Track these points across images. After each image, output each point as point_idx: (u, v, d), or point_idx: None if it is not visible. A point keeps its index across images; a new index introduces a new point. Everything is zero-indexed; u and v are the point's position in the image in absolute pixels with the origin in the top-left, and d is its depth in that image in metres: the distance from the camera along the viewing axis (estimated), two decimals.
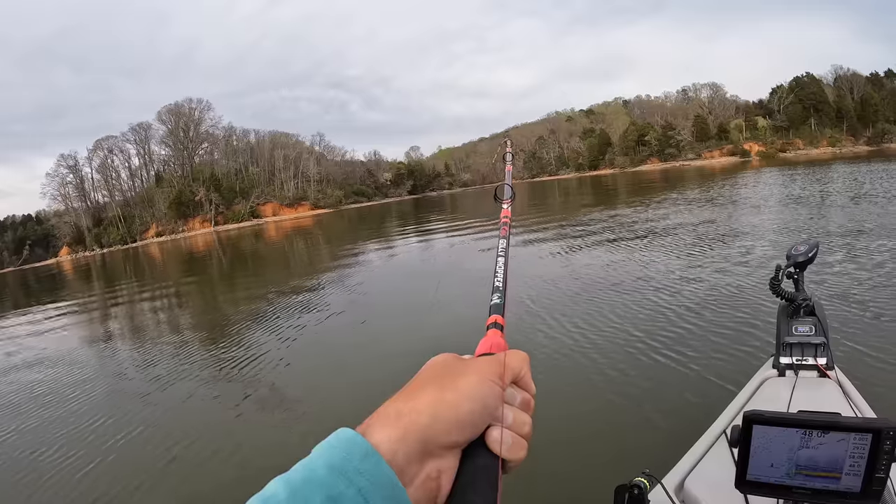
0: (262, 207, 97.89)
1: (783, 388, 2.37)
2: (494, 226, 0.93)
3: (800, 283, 2.86)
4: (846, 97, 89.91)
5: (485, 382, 0.54)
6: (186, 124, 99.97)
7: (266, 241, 44.09)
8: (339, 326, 9.55)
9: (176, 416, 6.37)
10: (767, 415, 1.27)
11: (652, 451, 3.63)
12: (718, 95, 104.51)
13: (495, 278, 0.78)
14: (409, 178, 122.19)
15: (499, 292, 0.75)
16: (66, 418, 6.80)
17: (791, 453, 1.25)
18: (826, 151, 78.44)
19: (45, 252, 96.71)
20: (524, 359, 0.61)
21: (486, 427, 0.54)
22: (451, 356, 0.59)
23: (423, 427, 0.50)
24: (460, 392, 0.53)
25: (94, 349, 11.19)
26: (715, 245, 11.51)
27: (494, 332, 0.67)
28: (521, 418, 0.56)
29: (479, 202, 50.57)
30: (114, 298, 20.99)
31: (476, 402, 0.53)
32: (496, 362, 0.57)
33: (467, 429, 0.52)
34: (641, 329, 6.65)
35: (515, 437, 0.55)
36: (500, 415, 0.55)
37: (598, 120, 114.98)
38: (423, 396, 0.52)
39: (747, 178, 34.59)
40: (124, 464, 5.22)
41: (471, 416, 0.52)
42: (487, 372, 0.56)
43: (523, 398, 0.58)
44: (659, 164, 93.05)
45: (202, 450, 5.29)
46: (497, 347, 0.64)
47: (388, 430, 0.49)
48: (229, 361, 8.17)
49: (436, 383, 0.54)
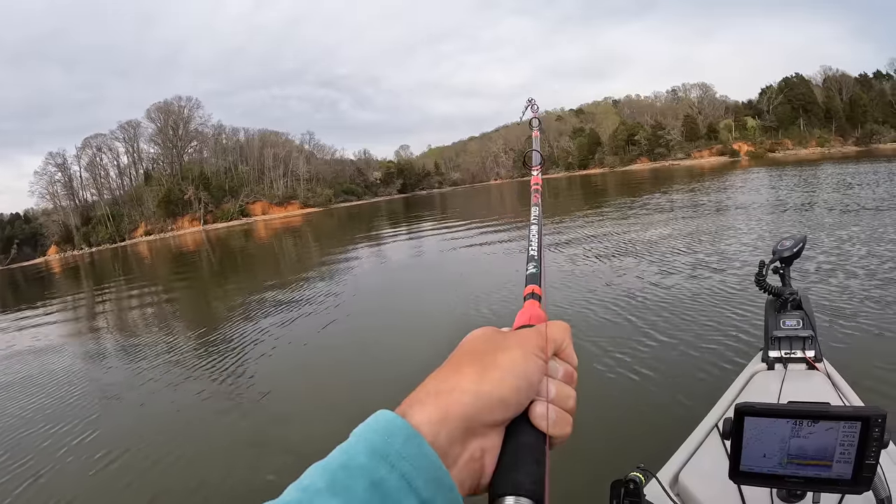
0: (251, 206, 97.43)
1: (773, 381, 2.40)
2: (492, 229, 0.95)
3: (786, 278, 2.89)
4: (835, 98, 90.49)
5: (528, 356, 0.53)
6: (175, 122, 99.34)
7: (257, 240, 43.92)
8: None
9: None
10: (758, 406, 1.29)
11: (646, 446, 3.65)
12: (708, 95, 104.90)
13: (529, 247, 0.76)
14: (398, 176, 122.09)
15: (534, 261, 0.72)
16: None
17: (783, 443, 1.27)
18: (815, 152, 78.92)
19: (34, 251, 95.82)
20: (566, 329, 0.59)
21: (529, 402, 0.52)
22: (491, 329, 0.57)
23: (465, 406, 0.48)
24: (502, 367, 0.51)
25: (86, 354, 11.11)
26: (703, 242, 11.60)
27: (532, 303, 0.65)
28: (565, 391, 0.55)
29: (469, 201, 50.66)
30: (103, 299, 20.87)
31: (519, 377, 0.51)
32: (538, 334, 0.56)
33: (511, 406, 0.50)
34: (631, 326, 6.70)
35: (560, 412, 0.53)
36: (543, 389, 0.53)
37: (588, 119, 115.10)
38: (464, 373, 0.50)
39: (736, 177, 34.79)
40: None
41: (515, 393, 0.50)
42: (529, 345, 0.54)
43: (566, 370, 0.57)
44: (648, 163, 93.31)
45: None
46: (536, 319, 0.62)
47: (429, 411, 0.47)
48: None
49: (476, 359, 0.52)
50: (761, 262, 2.82)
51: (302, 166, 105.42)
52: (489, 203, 44.32)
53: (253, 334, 9.39)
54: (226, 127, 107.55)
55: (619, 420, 4.46)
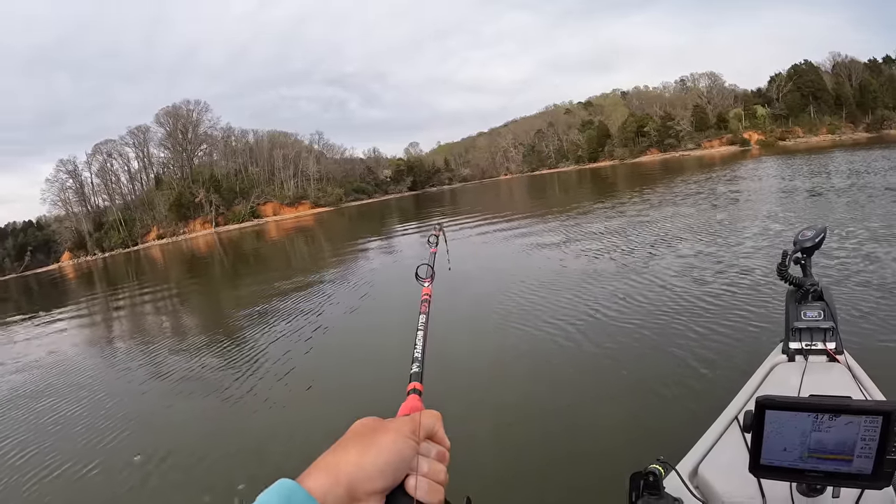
0: (262, 207, 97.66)
1: (793, 374, 2.37)
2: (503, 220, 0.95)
3: (807, 269, 2.85)
4: (845, 84, 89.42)
5: (400, 438, 0.65)
6: (185, 126, 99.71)
7: (268, 241, 44.07)
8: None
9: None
10: (780, 400, 1.29)
11: (665, 439, 3.66)
12: (717, 85, 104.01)
13: (415, 350, 0.87)
14: (408, 174, 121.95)
15: (418, 362, 0.84)
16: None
17: (803, 437, 1.27)
18: (826, 139, 78.11)
19: (47, 258, 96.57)
20: (436, 417, 0.72)
21: (404, 476, 0.64)
22: (372, 419, 0.68)
23: (349, 475, 0.59)
24: (380, 446, 0.63)
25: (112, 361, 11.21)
26: (720, 233, 11.52)
27: (413, 397, 0.77)
28: (436, 467, 0.66)
29: (479, 196, 50.57)
30: (117, 302, 21.03)
31: (393, 454, 0.63)
32: (411, 421, 0.68)
33: (388, 477, 0.62)
34: (650, 319, 6.68)
35: (431, 484, 0.65)
36: (415, 465, 0.65)
37: (597, 112, 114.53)
38: (349, 451, 0.62)
39: (747, 166, 34.52)
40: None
41: (390, 467, 0.62)
42: (404, 429, 0.66)
43: (438, 451, 0.68)
44: (658, 154, 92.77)
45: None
46: (414, 410, 0.73)
47: (321, 479, 0.58)
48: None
49: (359, 440, 0.64)
50: (784, 253, 2.78)
51: (312, 166, 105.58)
52: (498, 198, 44.27)
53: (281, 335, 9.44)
54: (235, 129, 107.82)
55: (638, 413, 4.46)
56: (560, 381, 5.37)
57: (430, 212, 36.07)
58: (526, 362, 6.00)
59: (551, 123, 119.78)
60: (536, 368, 5.80)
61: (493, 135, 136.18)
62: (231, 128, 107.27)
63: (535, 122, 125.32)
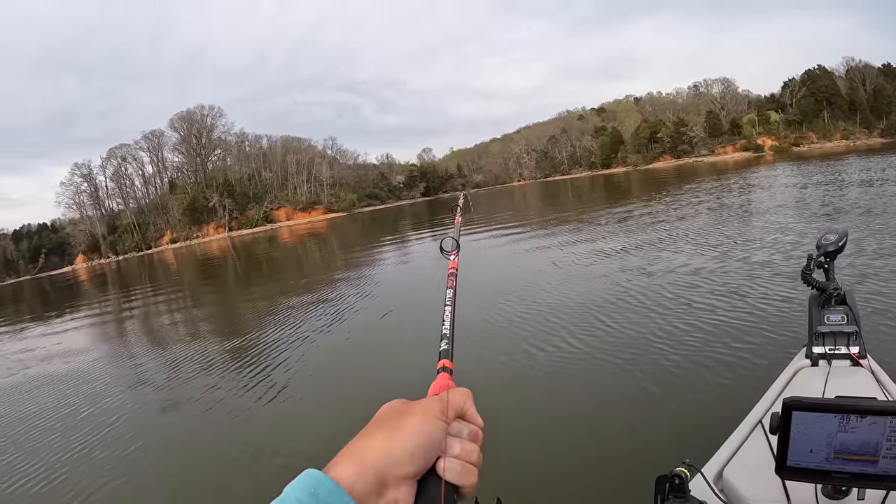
0: (275, 212, 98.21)
1: (817, 378, 2.39)
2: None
3: (830, 273, 2.85)
4: (859, 89, 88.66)
5: (429, 419, 0.62)
6: (199, 131, 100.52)
7: (281, 245, 44.24)
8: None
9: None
10: (806, 401, 1.31)
11: (690, 442, 3.67)
12: (730, 90, 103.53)
13: (443, 326, 0.84)
14: (421, 180, 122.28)
15: (446, 339, 0.82)
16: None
17: (829, 438, 1.29)
18: (840, 144, 77.55)
19: (61, 260, 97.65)
20: (466, 394, 0.68)
21: (436, 459, 0.61)
22: (399, 401, 0.66)
23: (376, 462, 0.56)
24: (407, 429, 0.60)
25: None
26: (741, 238, 11.50)
27: (443, 376, 0.74)
28: (469, 448, 0.63)
29: (493, 202, 50.52)
30: (130, 304, 21.21)
31: (422, 436, 0.60)
32: (440, 400, 0.65)
33: (418, 461, 0.59)
34: (675, 322, 6.69)
35: (464, 465, 0.62)
36: (448, 447, 0.62)
37: (610, 118, 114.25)
38: (376, 436, 0.59)
39: (761, 173, 34.27)
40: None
41: (419, 449, 0.59)
42: (431, 410, 0.63)
43: (470, 430, 0.65)
44: (672, 160, 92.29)
45: None
46: (445, 389, 0.69)
47: (348, 467, 0.55)
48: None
49: (386, 425, 0.61)
50: (809, 256, 2.79)
51: (325, 172, 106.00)
52: (513, 203, 44.20)
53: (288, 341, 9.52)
54: (249, 134, 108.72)
55: (664, 416, 4.47)
56: (586, 386, 5.39)
57: (443, 219, 36.21)
58: (551, 368, 6.01)
59: (564, 129, 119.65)
60: (563, 373, 5.82)
61: (506, 141, 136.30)
62: (245, 133, 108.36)
63: (548, 128, 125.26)
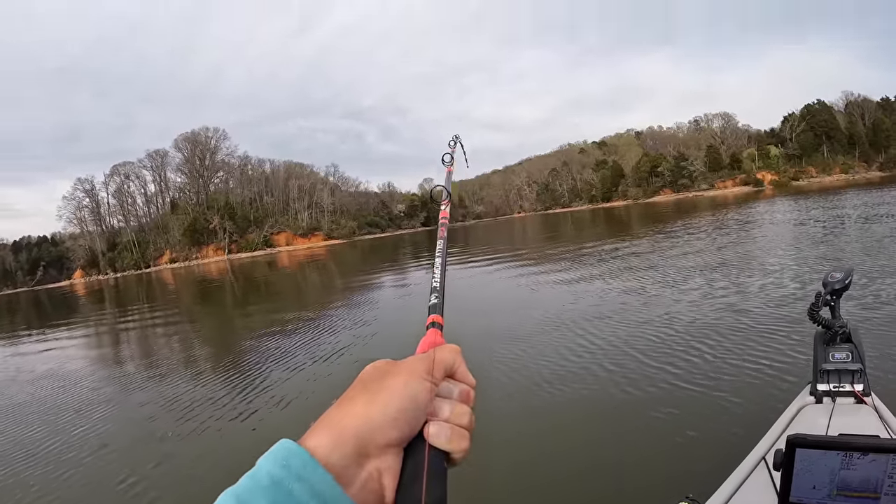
0: (275, 237, 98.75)
1: (821, 415, 2.39)
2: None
3: (836, 310, 2.85)
4: (857, 123, 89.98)
5: (413, 379, 0.56)
6: (202, 153, 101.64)
7: (279, 270, 44.26)
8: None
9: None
10: (810, 438, 1.30)
11: (693, 477, 3.63)
12: (730, 125, 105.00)
13: (433, 278, 0.78)
14: (422, 209, 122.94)
15: (436, 292, 0.75)
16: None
17: (832, 475, 1.28)
18: (839, 178, 78.49)
19: (59, 274, 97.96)
20: (454, 350, 0.62)
21: (423, 423, 0.55)
22: (383, 361, 0.60)
23: (356, 429, 0.51)
24: (389, 390, 0.54)
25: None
26: (744, 274, 11.46)
27: (433, 332, 0.68)
28: (459, 410, 0.58)
29: (490, 234, 50.72)
30: (126, 323, 21.12)
31: (405, 398, 0.54)
32: (425, 359, 0.59)
33: (402, 426, 0.53)
34: (678, 358, 6.62)
35: (455, 429, 0.56)
36: (436, 409, 0.56)
37: (611, 151, 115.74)
38: (355, 401, 0.54)
39: (760, 207, 34.46)
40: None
41: (402, 413, 0.53)
42: (416, 369, 0.57)
43: (461, 390, 0.60)
44: (672, 194, 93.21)
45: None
46: (433, 346, 0.63)
47: (323, 436, 0.50)
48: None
49: (366, 388, 0.55)
50: (816, 294, 2.79)
51: (326, 198, 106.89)
52: (511, 236, 44.27)
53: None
54: (252, 158, 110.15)
55: (667, 451, 4.41)
56: (588, 419, 5.34)
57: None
58: (552, 400, 5.95)
59: (566, 162, 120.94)
60: (564, 405, 5.76)
61: (508, 172, 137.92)
62: (248, 156, 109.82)
63: (549, 161, 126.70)
